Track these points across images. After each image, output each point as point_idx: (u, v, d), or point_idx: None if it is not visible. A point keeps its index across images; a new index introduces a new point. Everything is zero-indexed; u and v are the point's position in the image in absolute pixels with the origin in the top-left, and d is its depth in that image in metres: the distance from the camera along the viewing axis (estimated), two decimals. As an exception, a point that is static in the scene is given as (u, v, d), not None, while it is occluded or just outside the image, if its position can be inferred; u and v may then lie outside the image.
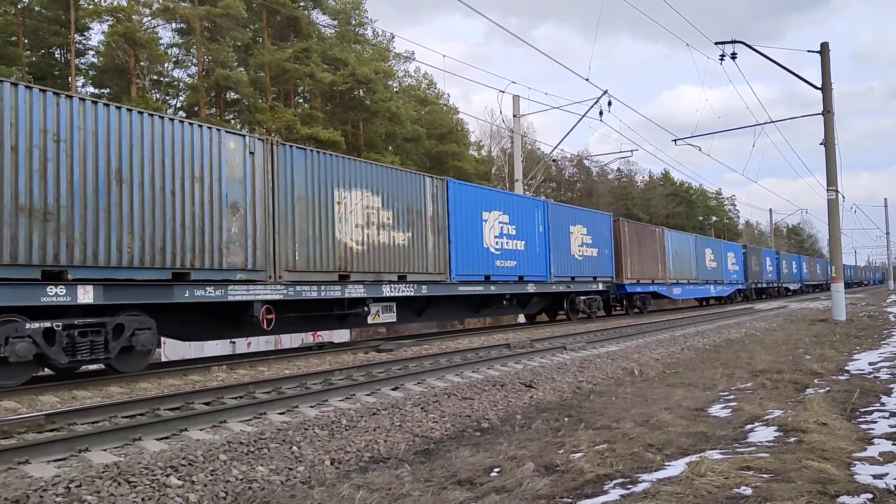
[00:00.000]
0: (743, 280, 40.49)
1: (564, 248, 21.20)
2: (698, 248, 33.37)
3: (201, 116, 34.02)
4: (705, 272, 33.88)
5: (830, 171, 20.95)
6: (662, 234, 28.98)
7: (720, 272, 36.31)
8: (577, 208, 24.52)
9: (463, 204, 16.54)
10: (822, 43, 21.18)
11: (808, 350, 12.62)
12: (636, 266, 25.78)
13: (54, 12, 32.03)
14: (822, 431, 5.54)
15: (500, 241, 17.87)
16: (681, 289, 30.41)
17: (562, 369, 10.48)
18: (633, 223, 27.80)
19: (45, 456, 5.24)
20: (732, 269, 38.66)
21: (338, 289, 12.71)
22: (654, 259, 27.53)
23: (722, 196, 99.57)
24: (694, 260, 32.42)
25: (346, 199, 13.10)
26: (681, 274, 30.49)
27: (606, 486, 4.45)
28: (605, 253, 23.71)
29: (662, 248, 28.64)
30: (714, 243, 37.49)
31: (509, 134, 35.51)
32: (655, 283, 27.48)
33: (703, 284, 33.66)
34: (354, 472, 5.40)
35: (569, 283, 21.19)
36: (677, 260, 30.06)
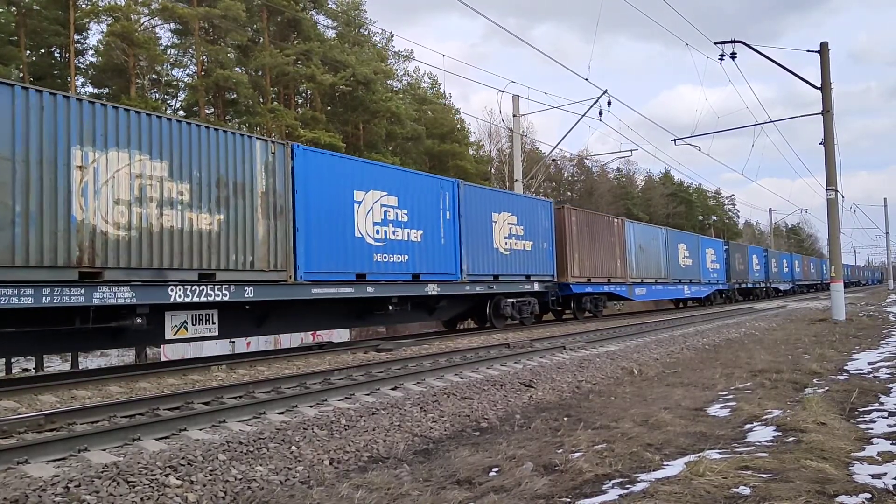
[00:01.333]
0: (724, 280, 37.04)
1: (484, 241, 17.50)
2: (669, 243, 29.76)
3: (201, 117, 34.02)
4: (678, 270, 30.38)
5: (830, 170, 20.95)
6: (622, 226, 25.48)
7: (696, 271, 32.78)
8: (501, 191, 20.73)
9: (323, 179, 12.89)
10: (822, 43, 21.20)
11: (807, 350, 12.62)
12: (586, 262, 22.37)
13: (53, 12, 32.01)
14: (821, 431, 5.54)
15: (383, 230, 14.24)
16: (645, 289, 26.86)
17: (561, 369, 10.49)
18: (582, 212, 23.64)
19: (44, 456, 5.24)
20: (712, 268, 35.14)
21: (79, 292, 9.08)
22: (610, 254, 24.11)
23: (722, 196, 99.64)
24: (664, 256, 28.95)
25: (98, 163, 9.46)
26: (646, 272, 27.05)
27: (605, 486, 4.46)
28: (544, 247, 20.16)
29: (622, 241, 25.10)
30: (689, 238, 33.43)
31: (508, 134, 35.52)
32: (612, 283, 24.07)
33: (675, 284, 30.06)
34: (353, 472, 5.40)
35: (490, 284, 17.57)
36: (642, 256, 26.73)
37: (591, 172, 67.86)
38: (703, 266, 33.59)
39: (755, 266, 43.31)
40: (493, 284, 17.74)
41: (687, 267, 31.54)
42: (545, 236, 20.33)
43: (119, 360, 27.26)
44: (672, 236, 30.53)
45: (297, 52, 35.77)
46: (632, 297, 25.91)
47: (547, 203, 21.13)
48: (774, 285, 48.47)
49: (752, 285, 42.68)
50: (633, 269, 25.93)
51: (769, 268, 46.49)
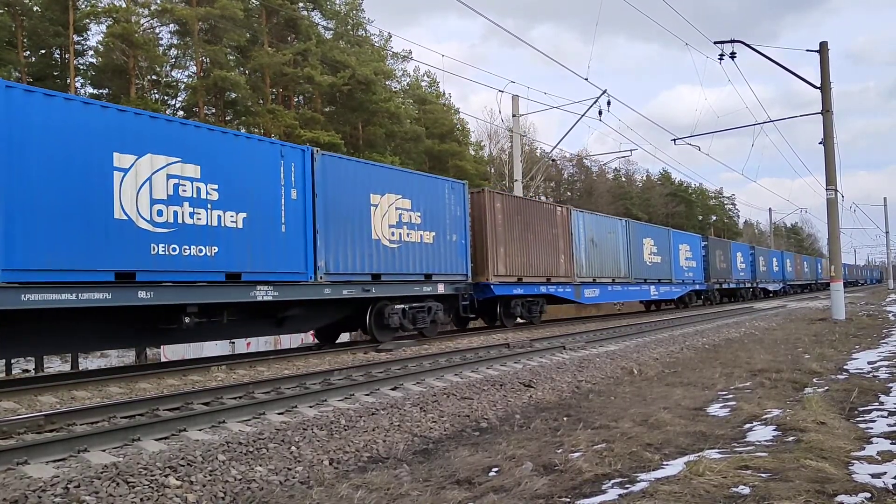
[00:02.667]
0: (702, 279, 33.33)
1: (357, 230, 13.36)
2: (632, 237, 26.00)
3: (200, 117, 34.02)
4: (643, 269, 26.67)
5: (829, 170, 20.95)
6: (567, 216, 21.57)
7: (667, 269, 29.02)
8: (386, 167, 15.77)
9: (51, 133, 8.99)
10: (822, 42, 21.20)
11: (807, 349, 12.62)
12: (517, 259, 18.64)
13: (53, 13, 32.02)
14: (821, 431, 5.53)
15: (170, 211, 10.12)
16: (598, 290, 23.09)
17: (561, 369, 10.49)
18: (512, 198, 19.73)
19: (44, 456, 5.24)
20: (687, 266, 31.33)
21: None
22: (551, 249, 20.33)
23: (722, 195, 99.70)
24: (625, 252, 25.26)
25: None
26: (600, 270, 23.35)
27: (605, 486, 4.46)
28: (452, 240, 16.15)
29: (567, 234, 21.39)
30: (658, 232, 29.44)
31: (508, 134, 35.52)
32: (552, 283, 20.25)
33: (639, 284, 26.26)
34: (353, 472, 5.40)
35: (367, 286, 13.48)
36: (595, 252, 23.06)
37: (590, 172, 67.92)
38: (675, 264, 29.87)
39: (739, 264, 39.87)
40: (373, 286, 13.64)
41: (654, 265, 27.79)
42: (455, 226, 16.24)
43: (119, 361, 27.25)
44: (636, 229, 26.77)
45: (294, 52, 35.77)
46: (579, 299, 21.87)
47: (458, 185, 16.76)
48: (763, 285, 45.22)
49: (736, 285, 39.30)
50: (583, 266, 22.18)
51: (756, 266, 43.26)
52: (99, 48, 34.16)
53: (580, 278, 21.94)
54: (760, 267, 44.18)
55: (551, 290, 20.36)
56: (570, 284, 21.34)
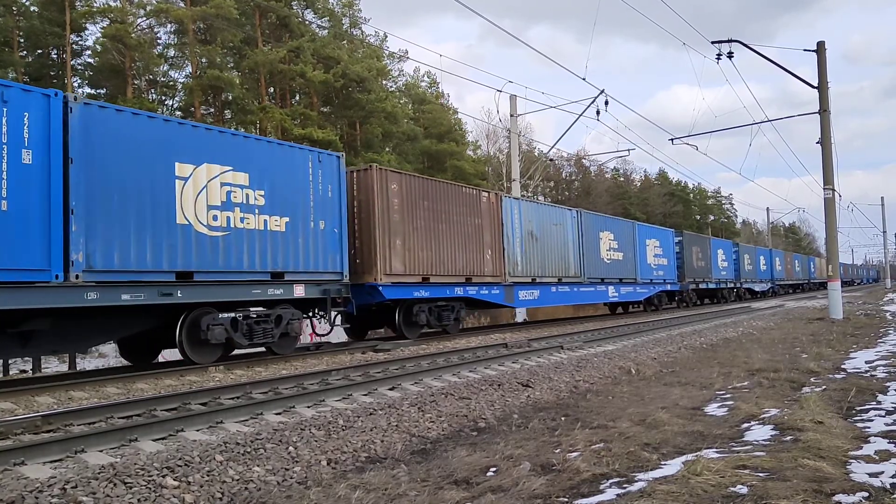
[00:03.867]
0: (675, 278, 30.10)
1: (151, 212, 10.04)
2: (586, 230, 22.66)
3: (196, 117, 33.99)
4: (599, 266, 23.42)
5: (827, 169, 20.99)
6: (497, 204, 18.13)
7: (631, 267, 25.84)
8: (204, 127, 11.48)
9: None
10: (819, 42, 21.24)
11: (804, 349, 12.64)
12: (421, 254, 15.15)
13: (50, 13, 31.98)
14: (819, 430, 5.54)
15: None
16: (538, 292, 19.69)
17: (559, 369, 10.49)
18: (415, 178, 15.90)
19: (41, 457, 5.23)
20: (656, 264, 28.18)
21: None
22: (472, 243, 16.89)
23: (719, 195, 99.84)
24: (576, 248, 21.93)
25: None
26: (542, 269, 19.92)
27: (603, 486, 4.46)
28: (319, 228, 12.64)
29: (497, 225, 18.01)
30: (619, 225, 26.06)
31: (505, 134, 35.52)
32: (473, 284, 16.89)
33: (595, 285, 23.04)
34: (351, 472, 5.40)
35: (169, 288, 10.15)
36: (535, 247, 19.71)
37: (588, 172, 67.97)
38: (641, 261, 26.70)
39: (721, 262, 36.73)
40: (178, 289, 10.28)
41: (614, 262, 24.58)
42: (324, 210, 12.85)
43: (116, 362, 27.18)
44: (590, 222, 23.39)
45: (288, 48, 35.75)
46: (511, 302, 18.54)
47: (329, 158, 13.22)
48: (747, 285, 42.24)
49: (717, 285, 36.09)
50: (518, 264, 18.73)
51: (741, 265, 40.41)
52: (96, 48, 34.14)
53: (514, 278, 18.51)
54: (745, 266, 41.58)
55: (471, 293, 16.85)
56: (500, 285, 17.90)
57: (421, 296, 15.33)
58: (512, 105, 27.66)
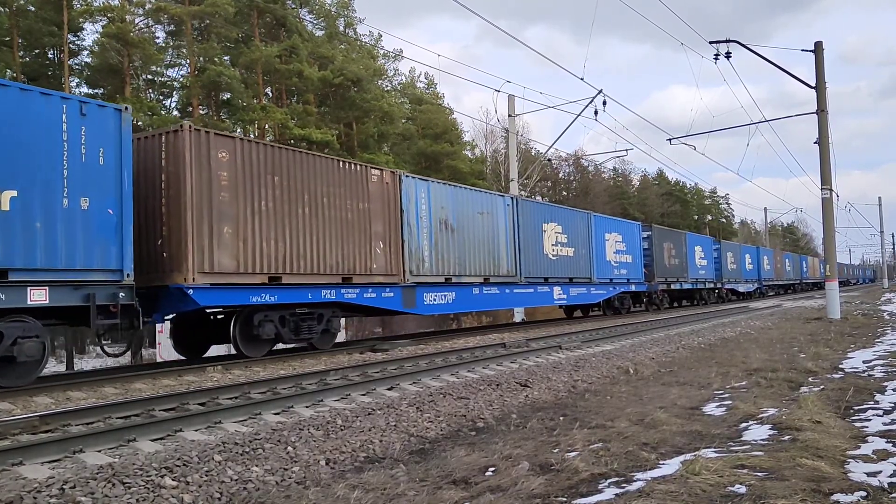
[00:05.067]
0: (641, 278, 26.81)
1: None
2: (524, 221, 19.25)
3: (195, 116, 33.94)
4: (542, 264, 19.97)
5: (824, 169, 21.03)
6: (395, 185, 14.68)
7: (586, 265, 22.58)
8: None
9: None
10: (816, 42, 21.28)
11: (802, 348, 12.66)
12: (267, 246, 11.73)
13: (48, 13, 31.92)
14: (817, 429, 5.55)
15: None
16: (452, 294, 16.09)
17: (557, 368, 10.50)
18: (259, 145, 12.18)
19: (39, 457, 5.22)
20: (618, 262, 24.98)
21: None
22: (355, 233, 13.46)
23: (717, 195, 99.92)
24: (509, 242, 18.47)
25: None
26: (460, 266, 16.42)
27: (601, 485, 4.46)
28: (78, 208, 9.25)
29: (395, 212, 14.60)
30: (570, 216, 22.42)
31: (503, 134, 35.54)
32: (353, 284, 13.33)
33: (534, 286, 19.60)
34: (349, 472, 5.40)
35: None
36: (451, 239, 16.17)
37: (586, 172, 68.02)
38: (598, 258, 23.44)
39: (699, 261, 33.55)
40: None
41: (563, 259, 21.16)
42: (91, 183, 9.40)
43: (114, 361, 27.17)
44: (530, 211, 19.89)
45: (283, 47, 35.71)
46: (412, 308, 14.87)
47: (104, 112, 9.75)
48: (730, 286, 39.06)
49: (693, 286, 32.83)
50: (425, 260, 15.28)
51: (723, 263, 37.33)
52: (94, 48, 34.09)
53: (419, 277, 15.03)
54: (728, 264, 38.42)
55: (349, 297, 13.22)
56: (395, 287, 14.38)
57: (265, 301, 11.58)
58: (510, 105, 27.67)
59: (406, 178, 15.25)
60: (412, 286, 14.87)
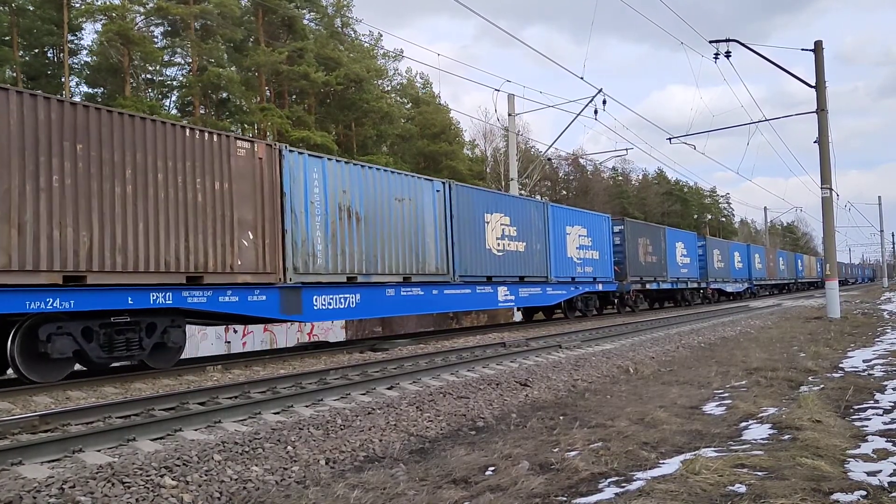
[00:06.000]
0: (610, 276, 24.21)
1: None
2: (461, 210, 16.44)
3: (195, 116, 33.95)
4: (484, 261, 17.18)
5: (824, 168, 21.02)
6: (271, 162, 11.92)
7: (540, 262, 19.71)
8: None
9: None
10: (816, 41, 21.26)
11: (802, 347, 12.66)
12: (58, 233, 8.99)
13: (47, 12, 31.91)
14: (817, 429, 5.55)
15: None
16: (356, 296, 13.34)
17: (557, 368, 10.49)
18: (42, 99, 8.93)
19: (38, 457, 5.22)
20: (581, 258, 22.13)
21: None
22: (209, 220, 10.87)
23: (717, 194, 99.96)
24: (438, 234, 15.65)
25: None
26: (369, 262, 13.69)
27: (601, 485, 4.46)
28: None
29: (271, 194, 11.88)
30: (521, 207, 19.51)
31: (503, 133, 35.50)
32: (205, 286, 10.63)
33: (472, 286, 16.61)
34: (349, 472, 5.39)
35: None
36: (356, 230, 13.47)
37: (586, 171, 68.05)
38: (556, 255, 20.64)
39: (680, 258, 31.03)
40: None
41: (511, 255, 18.32)
42: None
43: (114, 361, 27.11)
44: (468, 199, 16.98)
45: (290, 49, 35.69)
46: (297, 314, 12.21)
47: None
48: (717, 285, 36.43)
49: (674, 285, 30.20)
50: (319, 255, 12.57)
51: (708, 262, 34.77)
52: (93, 47, 34.09)
53: (308, 276, 12.27)
54: (715, 263, 35.81)
55: (197, 301, 10.50)
56: (271, 289, 11.58)
57: (54, 308, 8.83)
58: (510, 104, 27.66)
59: (290, 154, 12.31)
60: (295, 287, 12.07)
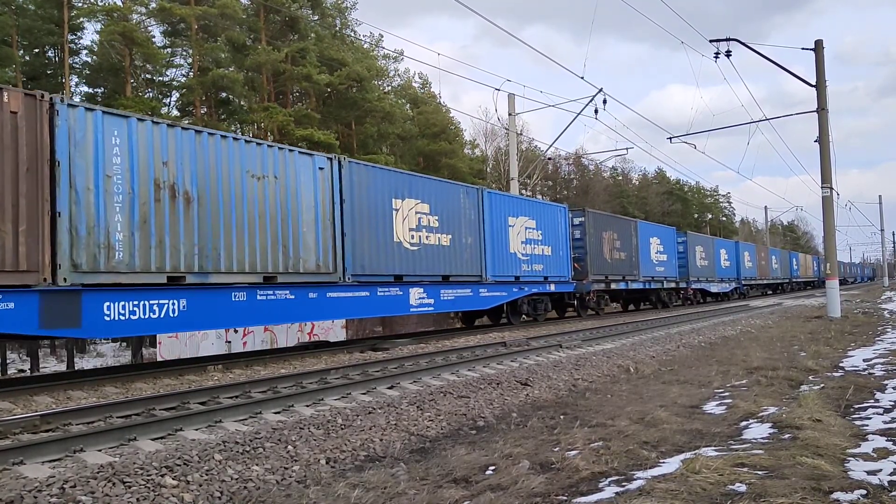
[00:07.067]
0: (568, 276, 21.23)
1: None
2: (360, 194, 13.45)
3: (196, 116, 33.95)
4: (391, 257, 14.04)
5: (825, 168, 21.01)
6: (36, 117, 8.44)
7: (472, 260, 16.62)
8: None
9: None
10: (817, 40, 21.25)
11: (802, 347, 12.66)
12: None
13: (48, 11, 31.91)
14: (817, 428, 5.55)
15: None
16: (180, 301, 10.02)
17: (557, 367, 10.50)
18: None
19: (39, 456, 5.23)
20: (529, 254, 19.02)
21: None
22: None
23: (717, 193, 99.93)
24: (319, 222, 12.42)
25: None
26: (206, 255, 10.44)
27: (602, 484, 4.46)
28: None
29: (37, 162, 8.51)
30: (444, 191, 16.03)
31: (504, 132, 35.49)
32: None
33: (372, 287, 13.53)
34: (350, 471, 5.40)
35: None
36: (183, 214, 10.22)
37: (586, 171, 68.04)
38: (495, 249, 17.60)
39: (655, 256, 28.04)
40: None
41: (429, 249, 15.15)
42: None
43: (115, 361, 27.22)
44: (367, 180, 13.62)
45: (292, 50, 35.69)
46: (73, 327, 8.86)
47: None
48: (700, 285, 33.44)
49: (646, 285, 27.14)
50: (116, 246, 9.33)
51: (690, 259, 31.87)
52: (93, 47, 34.08)
53: (96, 275, 9.11)
54: (697, 260, 32.95)
55: None
56: (26, 295, 8.34)
57: None
58: (510, 104, 27.63)
59: (70, 110, 8.94)
60: (71, 291, 8.78)
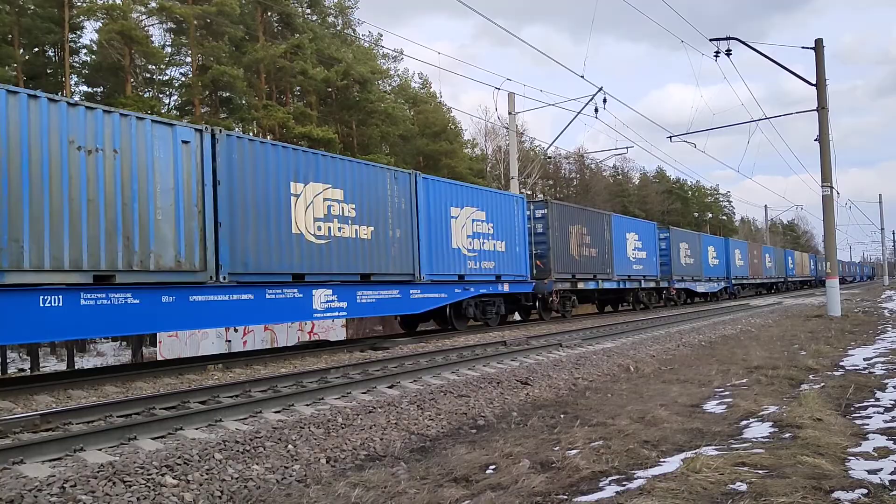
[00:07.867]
0: (527, 274, 19.22)
1: None
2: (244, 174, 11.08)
3: (196, 115, 33.93)
4: (289, 252, 11.79)
5: (825, 166, 21.00)
6: None
7: (402, 256, 14.53)
8: None
9: None
10: (817, 39, 21.25)
11: (803, 346, 12.65)
12: None
13: (48, 10, 31.89)
14: (817, 427, 5.55)
15: None
16: None
17: (558, 366, 10.50)
18: None
19: (40, 456, 5.22)
20: (476, 250, 17.04)
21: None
22: None
23: (717, 192, 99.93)
24: (178, 207, 10.00)
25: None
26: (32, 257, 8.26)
27: (602, 483, 4.46)
28: None
29: None
30: (368, 177, 13.83)
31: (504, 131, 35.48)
32: None
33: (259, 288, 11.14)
34: (350, 470, 5.40)
35: None
36: None
37: (586, 170, 68.04)
38: (431, 245, 15.53)
39: (633, 253, 26.04)
40: None
41: (342, 243, 12.97)
42: None
43: (115, 360, 27.23)
44: (254, 158, 11.33)
45: (289, 46, 35.67)
46: None
47: None
48: (684, 284, 31.14)
49: (621, 284, 25.09)
50: None
51: (673, 257, 29.76)
52: (93, 46, 34.06)
53: None
54: (682, 258, 30.75)
55: None
56: None
57: None
58: (510, 102, 27.61)
59: None
60: None
